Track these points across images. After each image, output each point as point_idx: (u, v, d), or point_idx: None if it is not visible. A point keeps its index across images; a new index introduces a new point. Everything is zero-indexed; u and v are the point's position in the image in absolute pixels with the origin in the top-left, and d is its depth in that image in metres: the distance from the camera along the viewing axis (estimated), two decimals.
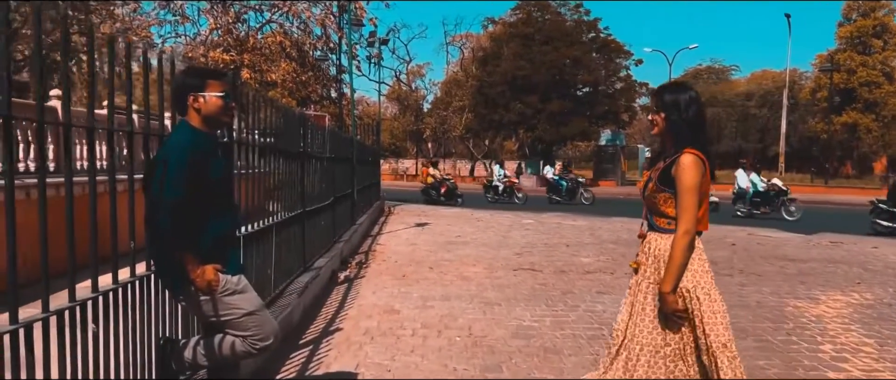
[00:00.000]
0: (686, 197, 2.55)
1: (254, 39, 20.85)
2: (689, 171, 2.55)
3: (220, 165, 2.83)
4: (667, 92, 2.74)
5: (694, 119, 2.65)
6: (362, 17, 22.37)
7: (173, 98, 2.74)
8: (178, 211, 2.47)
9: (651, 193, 2.73)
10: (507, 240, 11.45)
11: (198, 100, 2.68)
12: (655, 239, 2.74)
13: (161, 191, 2.47)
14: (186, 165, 2.52)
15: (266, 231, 4.60)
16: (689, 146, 2.60)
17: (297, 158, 5.92)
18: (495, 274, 7.81)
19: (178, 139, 2.65)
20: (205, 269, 2.56)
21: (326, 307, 5.82)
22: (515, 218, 15.94)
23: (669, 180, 2.62)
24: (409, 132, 54.76)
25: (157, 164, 2.56)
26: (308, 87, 22.42)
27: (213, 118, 2.72)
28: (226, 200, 2.83)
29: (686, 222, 2.55)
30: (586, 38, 40.29)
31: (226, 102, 2.72)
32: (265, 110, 4.65)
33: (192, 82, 2.70)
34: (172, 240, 2.49)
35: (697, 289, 2.60)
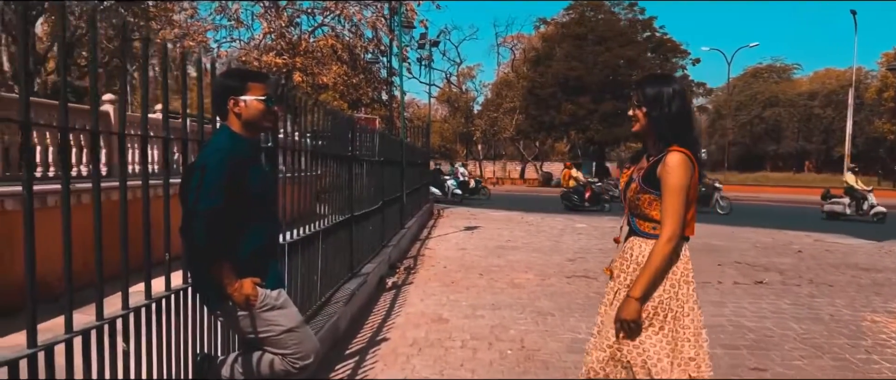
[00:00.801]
0: (672, 200, 2.33)
1: (306, 43, 21.04)
2: (677, 171, 2.33)
3: (261, 172, 2.68)
4: (648, 85, 2.49)
5: (678, 114, 2.41)
6: (413, 19, 22.37)
7: (213, 101, 2.60)
8: (215, 221, 2.32)
9: (634, 195, 2.49)
10: (560, 245, 11.15)
11: (238, 103, 2.53)
12: (639, 244, 2.49)
13: (197, 199, 2.33)
14: (225, 172, 2.37)
15: (312, 238, 4.47)
16: (674, 144, 2.38)
17: (346, 161, 5.79)
18: (548, 281, 7.54)
19: (217, 145, 2.50)
20: (243, 283, 2.41)
21: (373, 315, 5.67)
22: (567, 222, 15.58)
23: (654, 181, 2.39)
24: (459, 134, 54.64)
25: (194, 170, 2.42)
26: (359, 90, 22.51)
27: (253, 123, 2.57)
28: (267, 209, 2.68)
29: (671, 228, 2.33)
30: (641, 37, 39.44)
31: (268, 105, 2.57)
32: (313, 113, 4.53)
33: (233, 85, 2.56)
34: (208, 252, 2.35)
35: (671, 300, 2.39)
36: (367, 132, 7.76)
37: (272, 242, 2.74)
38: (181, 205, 2.42)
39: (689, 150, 2.38)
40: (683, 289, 2.42)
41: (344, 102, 22.86)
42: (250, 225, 2.52)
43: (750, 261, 9.51)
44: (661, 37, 39.74)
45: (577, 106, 36.72)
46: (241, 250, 2.47)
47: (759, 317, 5.94)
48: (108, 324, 1.97)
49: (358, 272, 6.18)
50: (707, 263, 9.26)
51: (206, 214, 2.31)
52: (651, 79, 2.56)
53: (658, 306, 2.39)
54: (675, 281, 2.40)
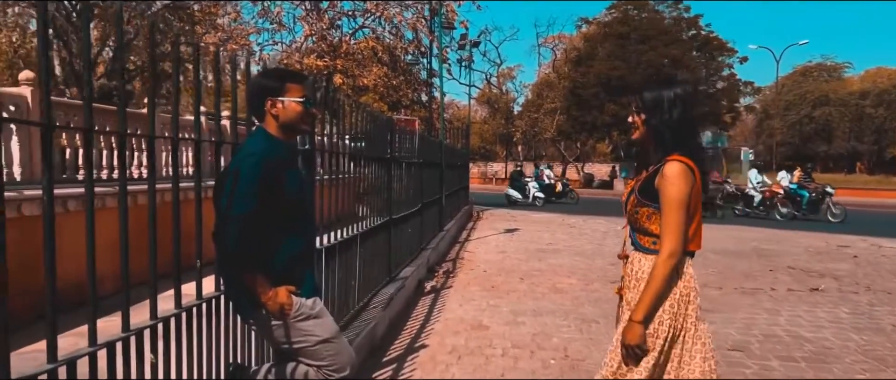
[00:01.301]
0: (672, 213, 2.16)
1: (347, 45, 21.13)
2: (676, 182, 2.16)
3: (298, 176, 2.57)
4: (647, 89, 2.33)
5: (679, 121, 2.25)
6: (454, 20, 22.24)
7: (250, 102, 2.50)
8: (249, 227, 2.23)
9: (632, 208, 2.34)
10: (603, 248, 10.88)
11: (275, 105, 2.42)
12: (639, 260, 2.34)
13: (230, 204, 2.24)
14: (259, 176, 2.27)
15: (350, 242, 4.39)
16: (675, 153, 2.22)
17: (385, 163, 5.71)
18: (592, 287, 7.33)
19: (252, 148, 2.38)
20: (277, 291, 2.32)
21: (412, 320, 5.57)
22: (610, 225, 15.26)
23: (653, 193, 2.24)
24: (499, 135, 54.34)
25: (228, 174, 2.33)
26: (399, 92, 22.50)
27: (291, 125, 2.47)
28: (303, 215, 2.57)
29: (671, 243, 2.16)
30: (686, 35, 38.59)
31: (306, 107, 2.47)
32: (353, 115, 4.45)
33: (270, 85, 2.45)
34: (241, 258, 2.26)
35: (672, 321, 2.22)
36: (406, 134, 7.67)
37: (308, 250, 2.63)
38: (215, 209, 2.34)
39: (691, 159, 2.22)
40: (683, 309, 2.24)
41: (384, 104, 22.88)
42: (286, 232, 2.42)
43: (803, 266, 9.12)
44: (707, 35, 38.79)
45: (619, 106, 36.07)
46: (276, 258, 2.38)
47: (816, 326, 5.65)
48: (136, 335, 1.89)
49: (396, 276, 6.09)
50: (758, 268, 8.91)
51: (239, 219, 2.22)
52: (651, 83, 2.40)
53: (658, 328, 2.22)
54: (675, 301, 2.23)
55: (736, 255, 10.19)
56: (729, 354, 4.76)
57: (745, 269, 8.87)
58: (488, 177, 50.03)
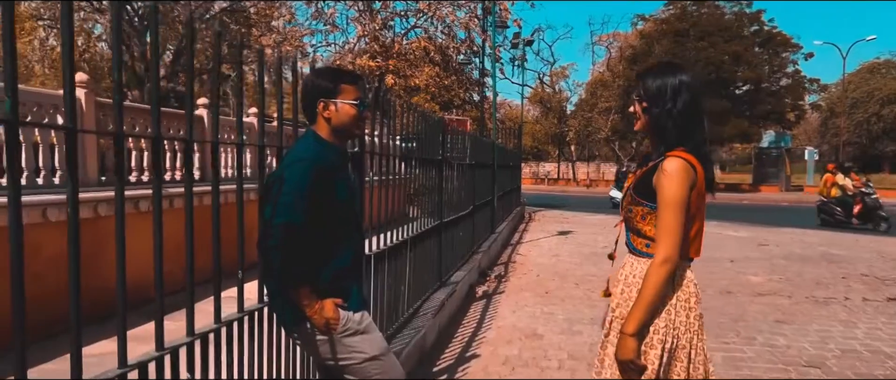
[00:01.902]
0: (668, 214, 1.96)
1: (399, 45, 21.13)
2: (674, 180, 1.96)
3: (348, 184, 2.40)
4: (650, 76, 2.12)
5: (683, 112, 2.04)
6: (507, 19, 21.98)
7: (302, 103, 2.37)
8: (293, 238, 2.10)
9: (627, 206, 2.15)
10: None
11: (328, 107, 2.29)
12: (630, 263, 2.15)
13: (275, 213, 2.11)
14: (307, 183, 2.13)
15: (400, 247, 4.25)
16: (677, 147, 2.02)
17: (437, 165, 5.55)
18: None
19: (301, 152, 2.24)
20: (323, 304, 2.18)
21: (463, 327, 5.40)
22: None
23: (649, 191, 2.04)
24: (552, 135, 53.71)
25: (274, 181, 2.19)
26: (451, 92, 22.38)
27: (343, 129, 2.32)
28: (352, 225, 2.42)
29: (666, 248, 1.95)
30: (748, 31, 37.27)
31: (360, 110, 2.32)
32: (404, 116, 4.31)
33: (323, 86, 2.30)
34: (285, 271, 2.13)
35: (667, 332, 2.01)
36: (458, 135, 7.51)
37: (357, 261, 2.48)
38: (259, 217, 2.22)
39: (694, 155, 2.01)
40: (682, 317, 2.03)
41: (436, 104, 22.81)
42: (334, 242, 2.28)
43: (878, 274, 8.56)
44: (770, 30, 37.36)
45: None
46: (323, 269, 2.25)
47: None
48: (170, 353, 1.78)
49: (447, 281, 5.93)
50: (829, 275, 8.41)
51: (282, 229, 2.08)
52: (654, 69, 2.17)
53: (652, 337, 2.01)
54: (670, 308, 2.02)
55: (803, 260, 9.67)
56: (805, 370, 4.43)
57: (816, 276, 8.38)
58: (540, 177, 49.51)
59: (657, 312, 2.01)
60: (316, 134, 2.31)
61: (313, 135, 2.31)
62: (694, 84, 2.09)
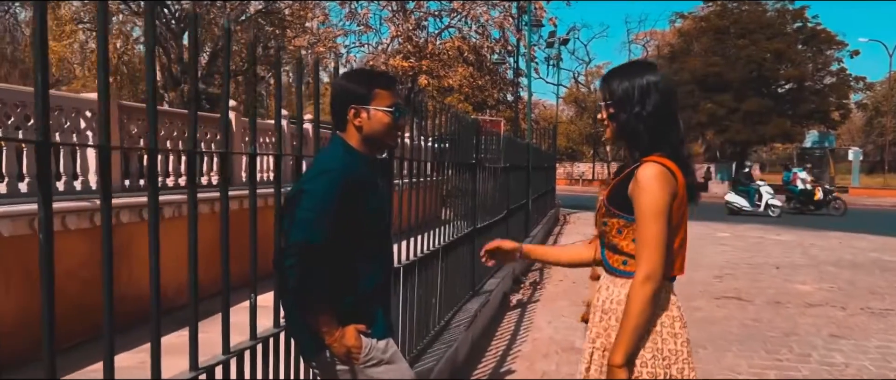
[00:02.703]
0: (647, 226, 1.76)
1: (432, 45, 20.97)
2: (651, 188, 1.77)
3: (378, 198, 2.18)
4: (615, 78, 1.92)
5: (654, 114, 1.85)
6: (542, 18, 21.65)
7: (332, 108, 2.12)
8: (313, 259, 1.88)
9: (601, 219, 1.94)
10: (702, 257, 10.11)
11: (360, 114, 2.05)
12: (607, 285, 1.95)
13: (295, 230, 1.89)
14: (333, 198, 1.91)
15: (431, 256, 4.03)
16: (653, 152, 1.83)
17: (470, 169, 5.33)
18: (694, 304, 6.69)
19: (328, 162, 2.01)
20: (344, 332, 1.96)
21: (496, 340, 5.17)
22: (707, 230, 14.32)
23: (625, 202, 1.84)
24: (586, 135, 53.05)
25: (298, 193, 1.95)
26: (484, 92, 22.14)
27: (376, 139, 2.10)
28: (380, 244, 2.20)
29: (648, 263, 1.75)
30: (791, 28, 36.18)
31: (395, 118, 2.09)
32: (436, 117, 4.10)
33: (355, 91, 2.07)
34: (304, 293, 1.91)
35: (654, 362, 1.82)
36: (492, 136, 7.28)
37: (384, 285, 2.25)
38: (278, 232, 2.02)
39: (672, 160, 1.82)
40: (670, 345, 1.84)
41: (469, 105, 22.59)
42: (359, 263, 2.06)
43: None
44: (814, 27, 36.19)
45: (716, 104, 34.23)
46: (345, 293, 2.03)
47: None
48: None
49: (480, 289, 5.71)
50: (884, 284, 7.96)
51: (300, 249, 1.87)
52: (619, 70, 1.98)
53: (640, 370, 1.82)
54: (656, 335, 1.83)
55: (854, 267, 9.20)
56: None
57: (869, 284, 7.94)
58: (574, 178, 48.91)
59: (645, 337, 1.82)
60: (345, 142, 2.07)
61: (342, 143, 2.08)
62: (663, 83, 1.90)
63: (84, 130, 5.44)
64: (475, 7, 20.25)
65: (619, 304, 1.87)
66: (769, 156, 68.72)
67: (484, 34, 21.38)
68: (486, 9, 20.33)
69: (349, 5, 20.90)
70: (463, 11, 20.87)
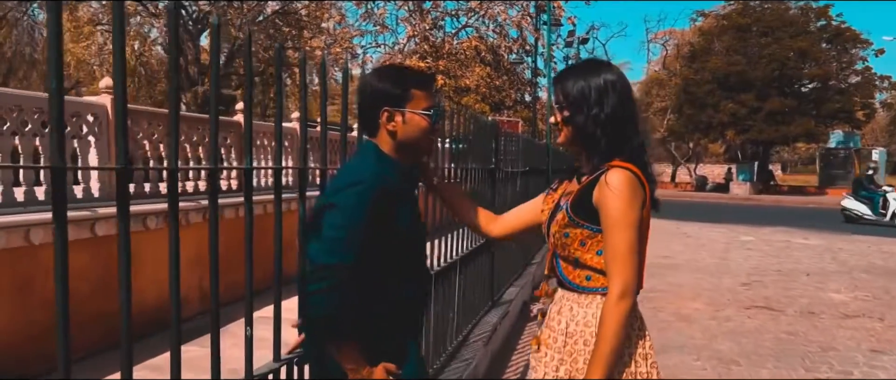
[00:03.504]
0: (620, 236, 1.63)
1: (449, 45, 20.77)
2: (624, 196, 1.64)
3: (412, 212, 1.90)
4: (569, 78, 1.79)
5: (613, 117, 1.72)
6: (561, 17, 21.36)
7: (360, 110, 1.87)
8: (343, 283, 1.64)
9: (560, 230, 1.77)
10: (728, 263, 9.80)
11: (394, 117, 1.80)
12: (567, 304, 1.78)
13: (321, 249, 1.64)
14: (365, 213, 1.67)
15: (449, 269, 3.80)
16: (614, 158, 1.70)
17: (489, 174, 5.10)
18: (723, 314, 6.40)
19: (358, 173, 1.75)
20: (373, 371, 1.72)
21: (517, 353, 4.93)
22: (732, 234, 13.97)
23: (589, 211, 1.70)
24: None
25: (322, 208, 1.71)
26: (502, 92, 21.89)
27: (411, 145, 1.84)
28: (414, 263, 1.93)
29: (622, 278, 1.62)
30: (814, 26, 35.51)
31: (432, 121, 1.84)
32: (454, 119, 3.87)
33: (390, 92, 1.81)
34: (328, 323, 1.66)
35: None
36: (511, 139, 7.04)
37: (417, 313, 1.99)
38: (300, 254, 1.75)
39: (635, 164, 1.69)
40: (643, 368, 1.72)
41: (486, 105, 22.35)
42: (390, 288, 1.81)
43: None
44: (838, 26, 35.45)
45: (738, 104, 33.63)
46: (376, 323, 1.78)
47: None
48: None
49: (499, 300, 5.47)
50: None
51: (331, 271, 1.62)
52: (572, 70, 1.84)
53: None
54: (627, 358, 1.70)
55: (888, 274, 8.85)
56: None
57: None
58: None
59: (621, 362, 1.68)
60: (376, 149, 1.83)
61: (374, 150, 1.83)
62: (621, 83, 1.77)
63: (86, 135, 5.20)
64: (493, 6, 20.02)
65: (586, 325, 1.72)
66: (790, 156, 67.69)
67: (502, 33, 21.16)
68: (503, 8, 20.10)
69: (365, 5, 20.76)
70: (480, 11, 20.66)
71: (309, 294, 1.64)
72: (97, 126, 5.44)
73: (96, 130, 5.40)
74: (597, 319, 1.70)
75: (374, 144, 1.84)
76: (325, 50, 20.48)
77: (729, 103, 33.92)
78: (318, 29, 22.66)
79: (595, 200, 1.68)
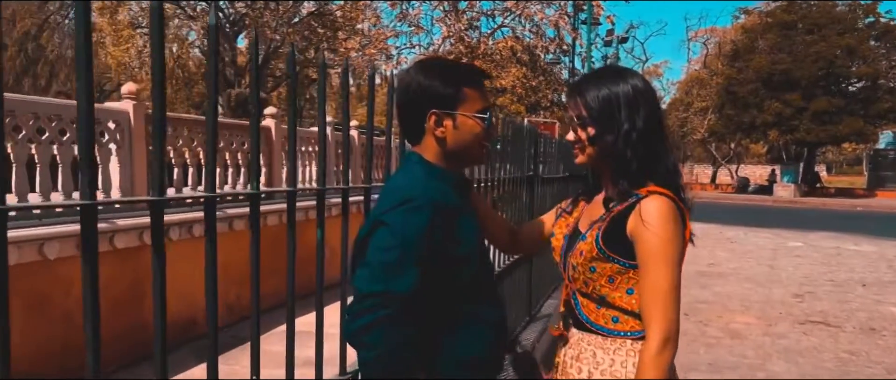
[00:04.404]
0: (662, 275, 1.38)
1: (485, 45, 20.52)
2: (667, 228, 1.40)
3: (472, 226, 1.60)
4: (590, 87, 1.52)
5: (646, 133, 1.47)
6: (599, 15, 20.92)
7: (402, 113, 1.60)
8: (401, 313, 1.37)
9: (584, 263, 1.50)
10: (777, 272, 9.35)
11: (443, 121, 1.53)
12: (589, 350, 1.52)
13: (374, 276, 1.38)
14: (422, 233, 1.40)
15: None
16: (647, 182, 1.46)
17: (527, 183, 4.84)
18: (776, 330, 6.03)
19: (407, 189, 1.48)
20: None
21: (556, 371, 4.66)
22: (778, 239, 13.44)
23: (622, 243, 1.45)
24: None
25: (370, 231, 1.43)
26: (538, 93, 21.55)
27: (461, 153, 1.58)
28: (486, 284, 1.65)
29: (665, 322, 1.38)
30: (862, 23, 34.31)
31: (488, 126, 1.58)
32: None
33: (439, 91, 1.53)
34: (387, 365, 1.39)
35: None
36: (551, 143, 6.76)
37: (496, 347, 1.65)
38: (347, 283, 1.50)
39: (670, 189, 1.46)
40: None
41: (522, 106, 22.04)
42: (459, 317, 1.53)
43: None
44: (887, 22, 34.16)
45: (783, 104, 32.62)
46: (444, 364, 1.50)
47: None
48: None
49: (537, 314, 5.20)
50: None
51: (383, 300, 1.36)
52: (592, 78, 1.56)
53: None
54: None
55: None
56: None
57: None
58: None
59: None
60: (422, 160, 1.56)
61: (420, 161, 1.56)
62: (650, 91, 1.53)
63: (107, 143, 5.05)
64: (529, 5, 19.70)
65: (613, 375, 1.47)
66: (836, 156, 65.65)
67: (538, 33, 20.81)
68: (540, 7, 19.76)
69: (400, 6, 20.63)
70: (517, 10, 20.36)
71: (358, 330, 1.37)
72: (119, 133, 5.30)
73: (118, 137, 5.26)
74: (626, 368, 1.46)
75: (418, 154, 1.57)
76: (360, 51, 20.41)
77: (773, 103, 32.97)
78: (353, 30, 22.63)
79: (629, 230, 1.44)
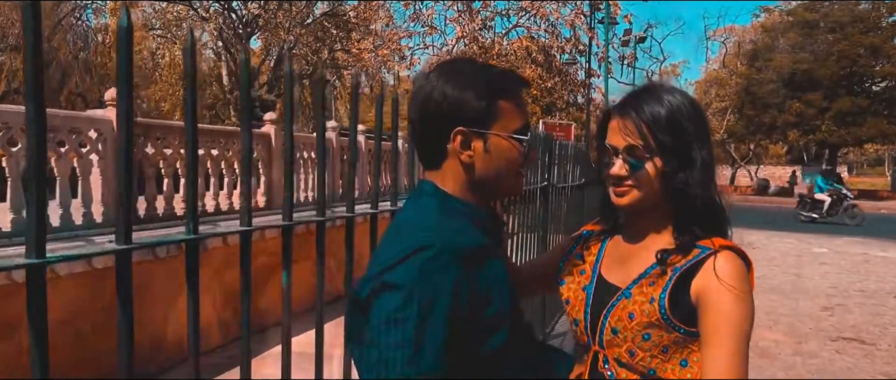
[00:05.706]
0: (736, 350, 1.11)
1: (499, 46, 20.20)
2: (745, 292, 1.13)
3: (504, 270, 1.22)
4: (647, 103, 1.20)
5: (710, 166, 1.20)
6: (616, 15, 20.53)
7: (419, 130, 1.21)
8: None
9: (636, 328, 1.19)
10: (803, 282, 8.95)
11: (471, 142, 1.16)
12: None
13: (379, 359, 1.02)
14: (446, 295, 1.05)
15: None
16: (715, 233, 1.19)
17: (541, 193, 4.54)
18: (806, 347, 5.67)
19: (419, 231, 1.12)
20: None
21: None
22: (802, 245, 13.00)
23: (686, 308, 1.15)
24: None
25: (371, 294, 1.05)
26: (553, 94, 21.19)
27: (493, 182, 1.20)
28: (523, 340, 1.30)
29: None
30: (886, 22, 33.54)
31: (525, 149, 1.20)
32: None
33: (469, 105, 1.14)
34: None
35: None
36: (565, 149, 6.44)
37: None
38: (351, 355, 1.11)
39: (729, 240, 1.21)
40: None
41: (537, 107, 21.70)
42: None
43: None
44: None
45: (805, 104, 31.96)
46: None
47: None
48: None
49: (551, 332, 4.91)
50: None
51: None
52: (645, 95, 1.23)
53: None
54: None
55: None
56: None
57: None
58: None
59: None
60: (438, 190, 1.20)
61: (434, 193, 1.20)
62: (701, 114, 1.25)
63: (87, 154, 4.73)
64: (545, 5, 19.35)
65: None
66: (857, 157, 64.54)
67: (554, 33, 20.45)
68: (556, 6, 19.40)
69: (414, 6, 20.37)
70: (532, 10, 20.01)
71: None
72: (101, 143, 4.94)
73: (100, 147, 4.90)
74: None
75: (433, 184, 1.20)
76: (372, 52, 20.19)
77: (795, 103, 32.33)
78: (366, 30, 22.44)
79: (695, 292, 1.15)
